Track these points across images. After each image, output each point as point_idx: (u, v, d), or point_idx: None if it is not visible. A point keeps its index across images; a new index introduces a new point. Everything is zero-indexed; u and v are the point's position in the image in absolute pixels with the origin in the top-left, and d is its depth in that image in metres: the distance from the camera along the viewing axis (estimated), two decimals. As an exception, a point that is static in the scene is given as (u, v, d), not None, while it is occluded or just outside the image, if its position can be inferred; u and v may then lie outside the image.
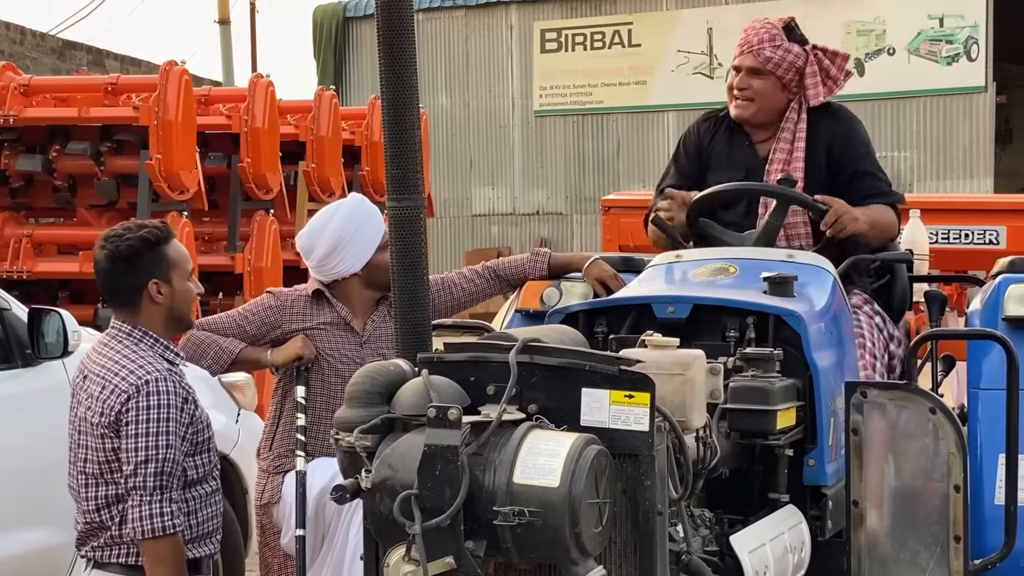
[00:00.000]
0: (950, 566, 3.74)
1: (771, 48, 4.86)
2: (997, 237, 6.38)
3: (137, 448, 3.92)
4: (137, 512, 3.91)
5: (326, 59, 26.33)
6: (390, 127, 3.58)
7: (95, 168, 9.02)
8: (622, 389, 2.95)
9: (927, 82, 21.52)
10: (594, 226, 24.33)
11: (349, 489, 2.94)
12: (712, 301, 3.88)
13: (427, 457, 2.83)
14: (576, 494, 2.78)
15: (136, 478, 3.92)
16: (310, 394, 4.79)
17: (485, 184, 24.94)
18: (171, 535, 3.92)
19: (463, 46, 25.46)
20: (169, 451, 3.93)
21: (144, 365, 4.01)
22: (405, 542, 2.86)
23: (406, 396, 3.01)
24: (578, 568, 2.84)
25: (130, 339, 4.09)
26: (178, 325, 4.25)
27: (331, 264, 4.78)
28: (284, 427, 4.84)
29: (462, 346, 3.12)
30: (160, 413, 3.94)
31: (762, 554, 3.44)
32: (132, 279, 4.09)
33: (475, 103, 25.08)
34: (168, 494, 3.92)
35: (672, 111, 23.13)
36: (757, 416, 3.58)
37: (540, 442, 2.86)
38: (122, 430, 3.94)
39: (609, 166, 23.95)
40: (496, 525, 2.80)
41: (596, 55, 23.97)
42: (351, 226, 4.77)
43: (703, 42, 23.43)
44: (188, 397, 4.06)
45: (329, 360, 4.79)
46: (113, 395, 3.97)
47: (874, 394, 3.80)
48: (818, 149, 4.85)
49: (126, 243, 4.08)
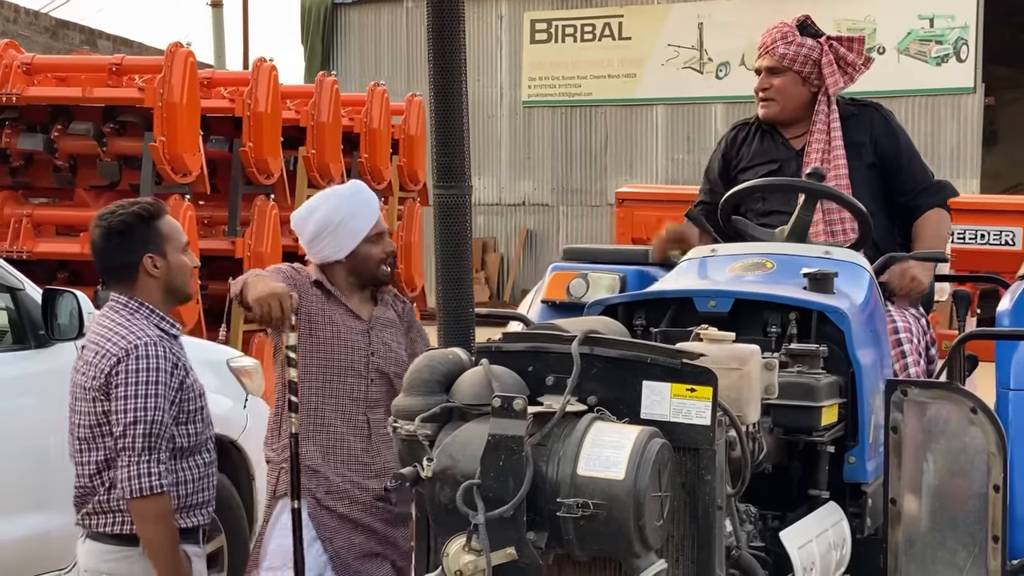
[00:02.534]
0: (987, 566, 3.74)
1: (784, 45, 4.95)
2: (1013, 238, 6.39)
3: (126, 410, 3.98)
4: (126, 472, 3.97)
5: (314, 45, 26.28)
6: (438, 115, 3.59)
7: (97, 149, 8.95)
8: (684, 383, 2.94)
9: (916, 82, 21.61)
10: (580, 218, 24.37)
11: (409, 477, 2.92)
12: (755, 296, 3.87)
13: (491, 447, 2.81)
14: (641, 487, 2.77)
15: (125, 439, 3.98)
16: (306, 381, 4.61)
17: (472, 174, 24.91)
18: (159, 494, 3.97)
19: (452, 35, 25.41)
20: (157, 413, 3.99)
21: (135, 331, 4.08)
22: (465, 532, 2.83)
23: (466, 385, 2.99)
24: (640, 561, 2.83)
25: (126, 309, 4.17)
26: (176, 297, 4.31)
27: (315, 248, 4.71)
28: None
29: (521, 336, 3.11)
30: (148, 376, 4.01)
31: (809, 550, 3.43)
32: (127, 254, 4.18)
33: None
34: (156, 455, 3.98)
35: (661, 105, 23.17)
36: (802, 412, 3.58)
37: (604, 434, 2.85)
38: (111, 392, 4.01)
39: (597, 158, 23.96)
40: (559, 517, 2.79)
41: (586, 47, 23.98)
42: (340, 213, 4.68)
43: (693, 36, 23.46)
44: (178, 363, 4.11)
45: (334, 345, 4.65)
46: (104, 359, 4.05)
47: (915, 392, 3.80)
48: (862, 141, 4.89)
49: (119, 219, 4.18)
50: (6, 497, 5.73)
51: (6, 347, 5.96)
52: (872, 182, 4.83)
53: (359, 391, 4.67)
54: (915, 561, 3.83)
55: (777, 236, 4.53)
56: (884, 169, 4.94)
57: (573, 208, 24.14)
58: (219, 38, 21.33)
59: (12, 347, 5.95)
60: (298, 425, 4.46)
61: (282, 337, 4.59)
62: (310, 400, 4.63)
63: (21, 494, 5.77)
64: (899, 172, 4.94)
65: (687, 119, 23.46)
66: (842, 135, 4.89)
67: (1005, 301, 4.77)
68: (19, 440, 5.76)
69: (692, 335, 3.36)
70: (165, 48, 8.91)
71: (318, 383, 4.63)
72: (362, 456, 4.63)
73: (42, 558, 5.88)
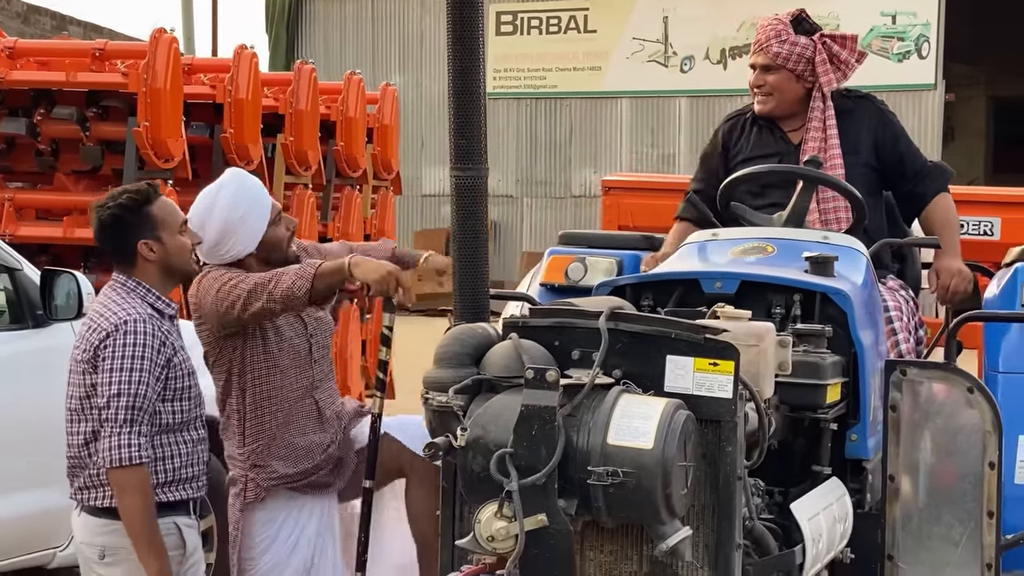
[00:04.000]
0: (983, 541, 3.87)
1: (778, 44, 5.04)
2: (992, 228, 6.55)
3: (111, 382, 4.11)
4: (107, 443, 4.09)
5: (279, 34, 26.27)
6: (456, 98, 3.64)
7: (80, 133, 8.97)
8: (707, 357, 3.05)
9: (878, 78, 21.70)
10: (544, 209, 24.50)
11: (442, 447, 3.02)
12: (760, 278, 3.98)
13: (524, 417, 2.90)
14: (669, 456, 2.87)
15: (108, 410, 4.10)
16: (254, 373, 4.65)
17: (435, 165, 24.98)
18: (137, 465, 4.08)
19: (417, 25, 25.48)
20: (141, 387, 4.11)
21: (126, 307, 4.21)
22: (497, 499, 2.93)
23: (496, 358, 3.09)
24: (665, 528, 2.93)
25: (124, 288, 4.29)
26: (176, 276, 4.41)
27: (224, 249, 4.60)
28: (254, 409, 4.66)
29: (547, 311, 3.21)
30: (135, 351, 4.13)
31: (817, 522, 3.55)
32: (122, 243, 4.30)
33: (428, 83, 25.11)
34: (137, 428, 4.09)
35: (626, 98, 23.31)
36: (808, 390, 3.68)
37: (632, 406, 2.95)
38: (99, 365, 4.15)
39: (561, 151, 24.08)
40: (589, 484, 2.89)
41: (551, 39, 24.09)
42: (240, 207, 4.58)
43: (659, 30, 23.61)
44: (166, 341, 4.21)
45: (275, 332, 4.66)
46: (95, 333, 4.19)
47: (913, 372, 3.93)
48: (859, 134, 5.00)
49: (107, 212, 4.29)
50: (2, 475, 5.79)
51: (3, 326, 6.02)
52: (867, 178, 4.95)
53: (306, 380, 4.70)
54: (912, 535, 3.96)
55: (775, 222, 4.64)
56: (883, 160, 5.06)
57: (537, 200, 24.26)
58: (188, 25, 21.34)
59: (9, 327, 6.01)
60: (381, 406, 4.52)
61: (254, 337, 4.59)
62: (261, 410, 4.63)
63: (17, 472, 5.83)
64: (900, 161, 5.07)
65: (651, 112, 23.61)
66: (838, 131, 5.00)
67: (992, 287, 4.91)
68: (14, 418, 5.82)
69: (709, 313, 3.47)
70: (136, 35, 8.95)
71: (265, 391, 4.63)
72: (319, 439, 4.69)
73: (39, 536, 5.95)
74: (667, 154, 23.44)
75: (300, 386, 4.68)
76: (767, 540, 3.36)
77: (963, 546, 3.92)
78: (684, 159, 23.31)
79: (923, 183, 5.10)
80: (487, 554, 2.99)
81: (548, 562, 2.91)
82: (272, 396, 4.64)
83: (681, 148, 23.59)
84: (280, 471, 4.62)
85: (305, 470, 4.63)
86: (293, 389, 4.67)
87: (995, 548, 3.87)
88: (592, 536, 3.08)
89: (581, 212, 23.99)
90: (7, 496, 5.81)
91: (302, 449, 4.65)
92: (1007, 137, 28.31)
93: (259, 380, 4.63)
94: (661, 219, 6.83)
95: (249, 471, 4.65)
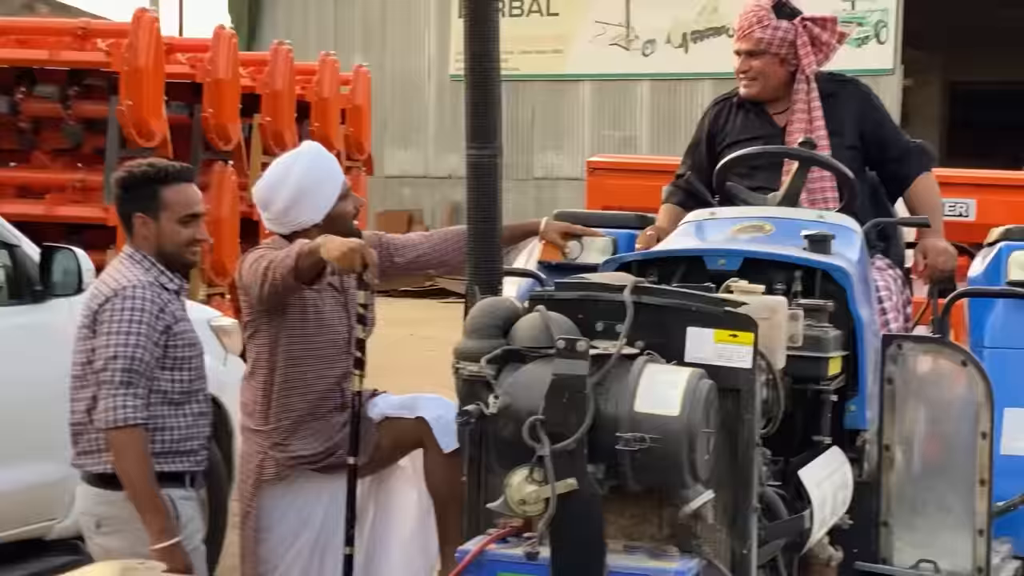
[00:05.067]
0: (975, 508, 4.05)
1: (760, 29, 5.16)
2: (967, 210, 6.74)
3: (107, 345, 4.17)
4: (103, 404, 4.15)
5: (240, 14, 26.17)
6: (473, 78, 3.74)
7: (62, 112, 9.03)
8: (727, 328, 3.19)
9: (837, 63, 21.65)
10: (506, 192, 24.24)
11: (474, 414, 3.14)
12: (763, 255, 4.11)
13: (555, 386, 3.03)
14: (694, 423, 3.01)
15: (105, 372, 4.16)
16: (288, 353, 4.69)
17: (398, 146, 25.01)
18: (132, 426, 4.13)
19: (380, 6, 25.49)
20: (137, 350, 4.17)
21: (127, 274, 4.28)
22: (527, 464, 3.06)
23: (524, 329, 3.21)
24: (689, 492, 3.07)
25: (130, 260, 4.36)
26: (171, 261, 4.39)
27: (291, 216, 4.70)
28: (282, 389, 4.71)
29: (572, 285, 3.34)
30: (132, 316, 4.19)
31: (823, 488, 3.70)
32: (124, 207, 4.41)
33: (391, 65, 25.11)
34: (134, 390, 4.14)
35: (588, 81, 23.43)
36: (812, 362, 3.82)
37: (657, 375, 3.08)
38: (97, 328, 4.22)
39: (524, 133, 24.16)
40: (617, 450, 3.02)
41: (514, 22, 24.12)
42: (311, 177, 4.69)
43: (621, 14, 23.72)
44: (165, 308, 4.27)
45: (316, 317, 4.72)
46: (95, 299, 4.28)
47: (909, 346, 4.11)
48: (843, 116, 5.14)
49: (126, 171, 4.42)
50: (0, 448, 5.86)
51: (2, 302, 6.08)
52: (851, 159, 5.07)
53: (339, 369, 4.74)
54: (907, 503, 4.13)
55: (770, 201, 4.78)
56: (867, 142, 5.20)
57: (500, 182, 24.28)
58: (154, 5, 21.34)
59: (8, 302, 6.07)
60: (361, 384, 4.55)
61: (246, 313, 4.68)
62: (290, 391, 4.67)
63: (15, 445, 5.90)
64: (883, 142, 5.21)
65: (613, 96, 23.74)
66: (823, 112, 5.14)
67: (977, 265, 5.08)
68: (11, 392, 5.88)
69: (722, 287, 3.60)
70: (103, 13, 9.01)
71: (297, 373, 4.67)
72: (338, 418, 4.74)
73: (38, 508, 6.02)
74: (629, 137, 23.59)
75: (333, 374, 4.73)
76: (777, 505, 3.51)
77: (956, 513, 4.09)
78: (646, 142, 23.46)
79: (906, 164, 5.24)
80: (516, 517, 3.12)
81: (578, 524, 3.04)
82: (303, 379, 4.68)
83: (643, 131, 23.74)
84: (301, 452, 4.70)
85: (325, 450, 4.70)
86: (325, 377, 4.72)
87: (987, 515, 4.04)
88: (614, 500, 3.20)
89: (544, 194, 24.08)
90: (5, 469, 5.86)
91: (322, 431, 4.72)
92: (961, 122, 28.64)
93: (293, 361, 4.67)
94: (646, 199, 6.98)
95: (270, 449, 4.70)
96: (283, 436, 4.72)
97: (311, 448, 4.71)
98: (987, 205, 6.87)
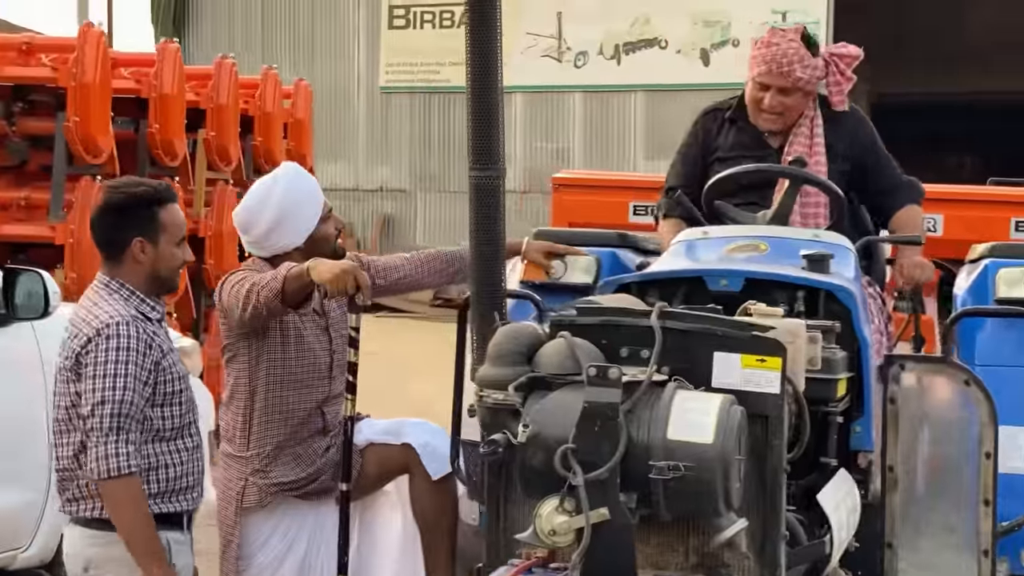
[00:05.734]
0: (979, 528, 4.03)
1: (801, 68, 5.05)
2: (935, 225, 6.76)
3: (94, 389, 3.93)
4: (94, 453, 3.92)
5: (164, 24, 25.87)
6: (475, 99, 3.69)
7: (7, 128, 8.84)
8: (754, 353, 3.14)
9: (769, 74, 22.07)
10: (438, 204, 24.50)
11: (502, 443, 3.07)
12: (767, 276, 4.07)
13: (587, 414, 2.97)
14: (728, 450, 2.96)
15: (93, 419, 3.93)
16: (268, 378, 4.61)
17: (327, 159, 24.82)
18: (127, 475, 3.91)
19: (308, 18, 25.32)
20: (126, 393, 3.93)
21: (108, 311, 4.03)
22: (557, 494, 2.99)
23: (550, 356, 3.15)
24: (722, 520, 3.02)
25: (106, 290, 4.11)
26: (159, 287, 4.22)
27: (272, 240, 4.63)
28: (263, 415, 4.65)
29: (594, 310, 3.28)
30: (119, 356, 3.95)
31: (840, 512, 3.66)
32: (118, 232, 4.11)
33: (320, 77, 24.88)
34: (125, 436, 3.92)
35: (520, 93, 23.36)
36: (822, 384, 3.78)
37: (688, 401, 3.03)
38: (81, 372, 3.98)
39: (455, 145, 24.08)
40: (649, 479, 2.96)
41: (445, 34, 24.07)
42: (291, 199, 4.61)
43: (553, 26, 23.72)
44: (152, 343, 4.04)
45: (296, 341, 4.65)
46: (76, 339, 4.02)
47: (911, 366, 4.08)
48: (839, 142, 5.12)
49: (120, 194, 4.13)
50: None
51: (-37, 326, 5.92)
52: (840, 182, 5.05)
53: (320, 394, 4.68)
54: (911, 524, 4.10)
55: (759, 220, 4.75)
56: (862, 168, 5.18)
57: (431, 194, 24.25)
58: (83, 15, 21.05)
59: (-32, 325, 5.92)
60: (353, 408, 4.50)
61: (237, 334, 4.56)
62: (269, 417, 4.60)
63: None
64: (876, 173, 5.20)
65: (546, 107, 23.72)
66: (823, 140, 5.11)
67: (961, 282, 5.08)
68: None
69: (739, 310, 3.56)
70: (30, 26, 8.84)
71: (277, 399, 4.60)
72: (320, 443, 4.69)
73: (2, 536, 5.87)
74: (562, 148, 23.57)
75: (313, 399, 4.66)
76: (797, 530, 3.48)
77: (960, 533, 4.07)
78: (579, 154, 23.45)
79: (896, 195, 5.23)
80: (546, 548, 3.06)
81: (610, 555, 2.98)
82: (283, 405, 4.61)
83: (576, 143, 23.74)
84: (282, 478, 4.61)
85: (307, 476, 4.63)
86: (306, 401, 4.64)
87: (992, 535, 4.02)
88: (639, 529, 3.14)
89: (475, 207, 24.01)
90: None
91: (304, 457, 4.64)
92: (888, 135, 28.76)
93: (273, 386, 4.60)
94: (611, 216, 6.93)
95: (250, 475, 4.62)
96: (264, 462, 4.63)
97: (293, 474, 4.64)
98: (955, 220, 6.91)
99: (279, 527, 4.69)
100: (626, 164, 22.84)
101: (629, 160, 23.16)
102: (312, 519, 4.72)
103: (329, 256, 4.56)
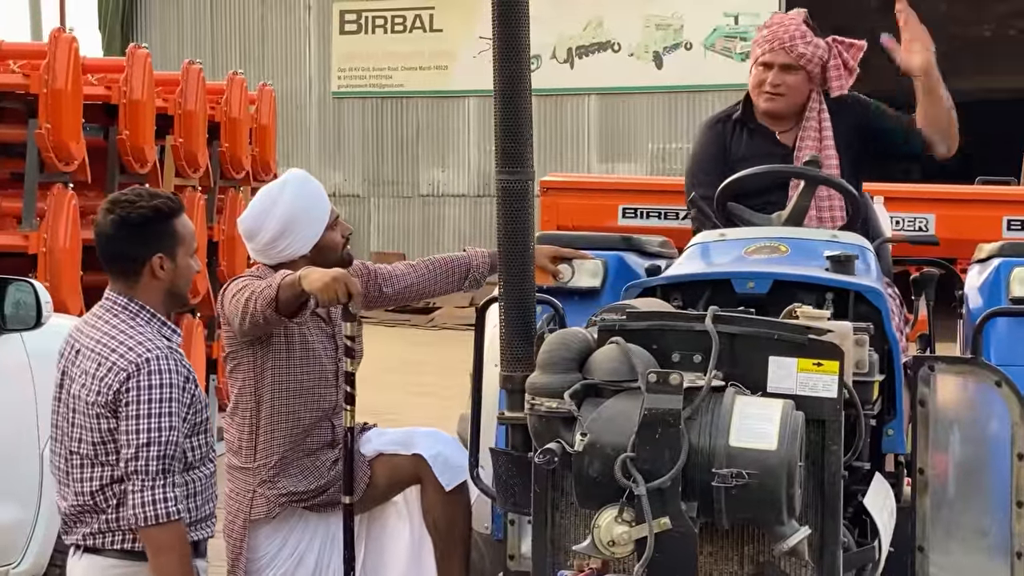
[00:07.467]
0: (1012, 530, 3.99)
1: (803, 44, 5.04)
2: (927, 224, 6.76)
3: (139, 430, 3.74)
4: (139, 498, 3.74)
5: (112, 29, 25.64)
6: (503, 102, 3.63)
7: (-27, 136, 8.68)
8: (811, 357, 3.09)
9: (722, 77, 22.16)
10: (392, 209, 24.42)
11: (557, 452, 3.01)
12: (795, 277, 4.02)
13: (647, 421, 2.91)
14: (792, 457, 2.92)
15: (137, 462, 3.74)
16: (273, 387, 4.53)
17: (280, 165, 24.64)
18: (175, 521, 3.76)
19: (259, 23, 25.14)
20: (172, 433, 3.77)
21: (144, 342, 3.82)
22: (615, 504, 2.93)
23: (603, 362, 3.09)
24: (784, 528, 2.97)
25: (126, 312, 3.90)
26: (175, 302, 4.07)
27: (278, 247, 4.53)
28: (269, 424, 4.56)
29: (644, 315, 3.22)
30: (163, 393, 3.77)
31: (883, 516, 3.62)
32: (137, 249, 3.90)
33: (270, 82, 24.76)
34: (171, 478, 3.76)
35: (473, 97, 23.32)
36: (860, 387, 3.73)
37: (749, 407, 2.98)
38: (121, 411, 3.77)
39: (408, 150, 24.00)
40: (712, 487, 2.91)
41: (396, 38, 23.97)
42: (298, 207, 4.52)
43: (505, 30, 23.65)
44: (189, 376, 3.88)
45: (302, 349, 4.57)
46: (111, 373, 3.79)
47: (941, 367, 4.04)
48: (847, 134, 5.08)
49: (138, 211, 3.89)
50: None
51: (-49, 337, 5.79)
52: (855, 178, 5.02)
53: (327, 403, 4.61)
54: (942, 527, 4.05)
55: (775, 221, 4.71)
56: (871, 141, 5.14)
57: (385, 199, 24.15)
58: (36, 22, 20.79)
59: (-42, 337, 5.79)
60: (353, 419, 4.41)
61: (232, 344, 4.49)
62: (276, 426, 4.52)
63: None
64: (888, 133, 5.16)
65: (499, 111, 23.64)
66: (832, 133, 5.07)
67: (972, 280, 5.05)
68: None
69: (784, 313, 3.50)
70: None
71: (283, 408, 4.52)
72: (328, 455, 4.62)
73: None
74: (516, 153, 23.49)
75: (321, 408, 4.58)
76: (848, 535, 3.42)
77: (992, 536, 4.03)
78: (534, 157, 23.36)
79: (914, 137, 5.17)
80: (604, 558, 3.00)
81: (672, 565, 2.92)
82: (289, 414, 4.52)
83: (530, 147, 23.69)
84: (290, 489, 4.53)
85: (316, 488, 4.55)
86: (313, 411, 4.56)
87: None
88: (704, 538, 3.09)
89: (429, 211, 23.95)
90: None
91: (313, 469, 4.57)
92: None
93: (279, 395, 4.51)
94: (600, 219, 6.90)
95: (258, 487, 4.53)
96: (271, 473, 4.55)
97: (302, 486, 4.56)
98: (947, 219, 6.91)
99: (288, 541, 4.61)
100: (580, 167, 22.83)
101: (583, 163, 23.15)
102: (323, 530, 4.64)
103: (337, 264, 4.48)
